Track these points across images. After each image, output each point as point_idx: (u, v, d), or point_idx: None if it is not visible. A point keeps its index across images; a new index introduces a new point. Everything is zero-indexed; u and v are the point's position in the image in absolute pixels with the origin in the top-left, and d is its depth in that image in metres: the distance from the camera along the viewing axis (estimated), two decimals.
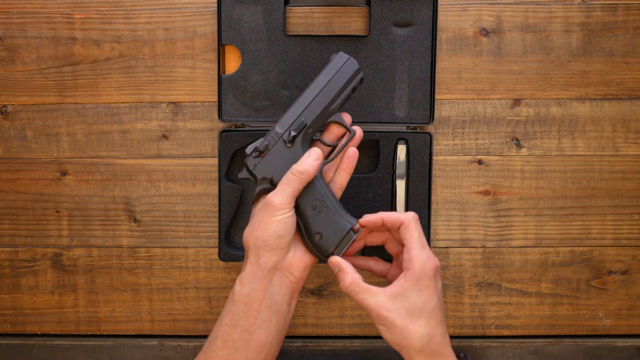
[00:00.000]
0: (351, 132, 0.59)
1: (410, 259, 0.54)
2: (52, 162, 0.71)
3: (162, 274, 0.72)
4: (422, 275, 0.53)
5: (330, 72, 0.59)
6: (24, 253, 0.72)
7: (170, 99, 0.70)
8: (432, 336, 0.52)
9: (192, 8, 0.69)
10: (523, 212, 0.70)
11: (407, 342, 0.52)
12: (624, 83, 0.69)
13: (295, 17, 0.68)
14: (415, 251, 0.54)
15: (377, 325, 0.54)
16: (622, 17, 0.68)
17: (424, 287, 0.53)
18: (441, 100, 0.69)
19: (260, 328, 0.55)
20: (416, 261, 0.53)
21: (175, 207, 0.71)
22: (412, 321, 0.52)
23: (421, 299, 0.53)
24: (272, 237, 0.54)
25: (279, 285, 0.55)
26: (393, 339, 0.53)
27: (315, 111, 0.58)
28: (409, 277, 0.53)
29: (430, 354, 0.52)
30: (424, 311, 0.53)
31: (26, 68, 0.70)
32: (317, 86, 0.59)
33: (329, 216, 0.57)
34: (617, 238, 0.71)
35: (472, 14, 0.68)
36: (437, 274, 0.54)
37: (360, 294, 0.54)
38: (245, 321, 0.55)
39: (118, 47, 0.69)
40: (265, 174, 0.58)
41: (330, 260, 0.57)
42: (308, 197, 0.57)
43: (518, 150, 0.70)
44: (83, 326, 0.73)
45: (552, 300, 0.71)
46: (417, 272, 0.53)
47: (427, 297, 0.53)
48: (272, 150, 0.58)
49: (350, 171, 0.60)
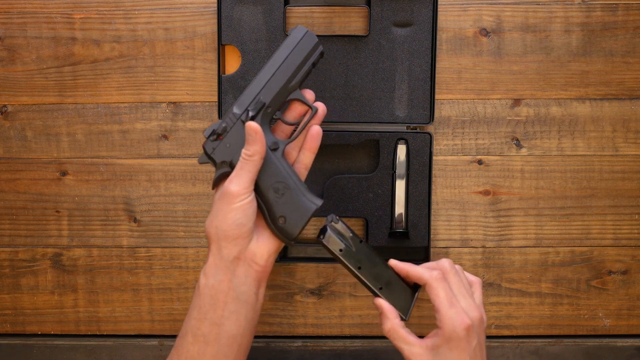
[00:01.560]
0: (313, 109, 0.57)
1: (440, 319, 0.53)
2: (52, 162, 0.71)
3: (162, 274, 0.72)
4: (452, 335, 0.52)
5: (288, 47, 0.56)
6: (24, 253, 0.72)
7: (170, 99, 0.70)
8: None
9: (192, 8, 0.69)
10: (523, 212, 0.70)
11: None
12: (624, 83, 0.69)
13: (295, 17, 0.68)
14: (444, 311, 0.53)
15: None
16: (622, 17, 0.68)
17: (454, 347, 0.52)
18: (441, 100, 0.69)
19: (229, 320, 0.54)
20: (445, 322, 0.53)
21: (175, 207, 0.71)
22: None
23: (453, 358, 0.52)
24: (231, 227, 0.53)
25: (244, 275, 0.54)
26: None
27: (274, 89, 0.56)
28: (440, 335, 0.53)
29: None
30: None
31: (26, 68, 0.70)
32: (274, 63, 0.56)
33: (292, 198, 0.55)
34: (617, 238, 0.71)
35: (472, 14, 0.68)
36: (470, 332, 0.53)
37: (398, 340, 0.54)
38: (213, 314, 0.54)
39: (118, 47, 0.69)
40: (225, 157, 0.56)
41: (376, 301, 0.56)
42: (269, 179, 0.55)
43: (518, 150, 0.70)
44: (83, 326, 0.73)
45: (552, 300, 0.71)
46: (447, 332, 0.52)
47: (458, 357, 0.52)
48: (231, 132, 0.56)
49: (315, 150, 0.58)
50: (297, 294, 0.72)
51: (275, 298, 0.72)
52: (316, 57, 0.57)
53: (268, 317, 0.72)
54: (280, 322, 0.72)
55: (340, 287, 0.71)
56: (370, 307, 0.72)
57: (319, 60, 0.58)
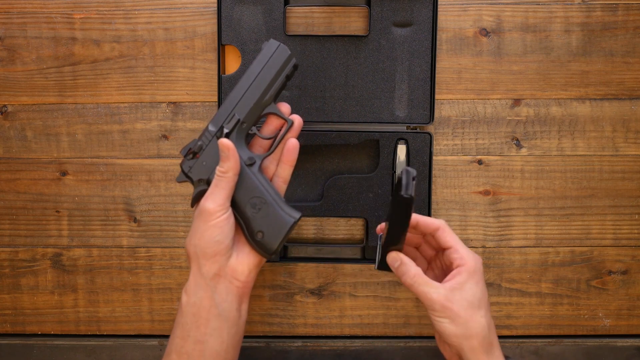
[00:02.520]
0: (288, 122, 0.57)
1: (462, 257, 0.56)
2: (52, 162, 0.71)
3: (162, 274, 0.72)
4: (476, 269, 0.55)
5: (261, 62, 0.57)
6: (24, 253, 0.72)
7: (170, 99, 0.70)
8: (490, 326, 0.55)
9: (192, 8, 0.69)
10: (523, 212, 0.70)
11: (471, 332, 0.54)
12: (624, 83, 0.69)
13: (295, 17, 0.68)
14: (464, 250, 0.56)
15: (438, 319, 0.54)
16: (622, 17, 0.68)
17: (479, 280, 0.55)
18: (441, 100, 0.69)
19: (212, 337, 0.54)
20: (468, 258, 0.56)
21: (175, 207, 0.71)
22: (475, 312, 0.54)
23: (479, 292, 0.55)
24: (209, 244, 0.53)
25: (225, 292, 0.54)
26: (456, 331, 0.54)
27: (247, 104, 0.56)
28: (464, 272, 0.55)
29: (488, 344, 0.54)
30: (483, 302, 0.55)
31: (26, 68, 0.70)
32: (248, 78, 0.57)
33: (269, 212, 0.55)
34: (617, 238, 0.71)
35: (472, 14, 0.68)
36: (482, 266, 0.57)
37: (424, 286, 0.55)
38: (196, 332, 0.54)
39: (118, 47, 0.69)
40: (201, 175, 0.56)
41: (391, 255, 0.57)
42: (246, 195, 0.55)
43: (518, 150, 0.70)
44: (83, 326, 0.73)
45: (552, 300, 0.71)
46: (471, 267, 0.55)
47: (482, 290, 0.55)
48: (207, 150, 0.56)
49: (292, 163, 0.58)
50: (297, 294, 0.72)
51: (275, 298, 0.72)
52: (289, 70, 0.57)
53: (268, 317, 0.72)
54: (280, 322, 0.72)
55: (340, 287, 0.71)
56: (370, 307, 0.72)
57: (293, 73, 0.58)
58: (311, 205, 0.69)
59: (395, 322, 0.72)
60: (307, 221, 0.71)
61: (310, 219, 0.71)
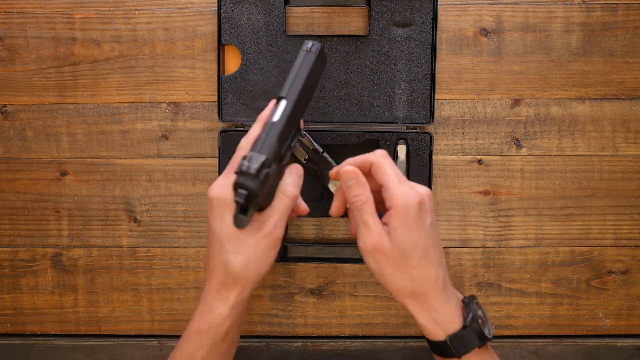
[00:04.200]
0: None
1: (390, 197, 0.49)
2: (52, 162, 0.71)
3: (162, 274, 0.72)
4: (406, 211, 0.48)
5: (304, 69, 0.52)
6: (24, 253, 0.72)
7: (170, 99, 0.70)
8: (424, 278, 0.49)
9: (192, 8, 0.69)
10: (523, 212, 0.70)
11: (398, 284, 0.49)
12: (624, 83, 0.69)
13: (295, 17, 0.68)
14: (394, 188, 0.49)
15: (370, 260, 0.50)
16: (622, 17, 0.68)
17: (412, 225, 0.48)
18: (441, 100, 0.69)
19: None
20: (397, 199, 0.48)
21: (175, 207, 0.71)
22: (405, 262, 0.48)
23: (411, 239, 0.48)
24: (267, 269, 0.51)
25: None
26: (384, 280, 0.50)
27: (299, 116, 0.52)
28: (394, 215, 0.48)
29: (423, 297, 0.49)
30: (416, 251, 0.48)
31: (26, 68, 0.70)
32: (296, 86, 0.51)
33: None
34: (617, 238, 0.71)
35: (472, 14, 0.68)
36: (422, 208, 0.49)
37: (371, 215, 0.49)
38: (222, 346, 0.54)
39: (118, 47, 0.69)
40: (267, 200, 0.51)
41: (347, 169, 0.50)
42: None
43: (518, 150, 0.70)
44: (83, 326, 0.73)
45: (552, 300, 0.71)
46: (400, 209, 0.48)
47: (416, 236, 0.48)
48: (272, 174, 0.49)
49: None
50: (297, 294, 0.72)
51: (275, 298, 0.72)
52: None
53: (268, 317, 0.72)
54: (280, 322, 0.72)
55: (340, 287, 0.71)
56: (370, 307, 0.72)
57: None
58: (311, 205, 0.69)
59: (395, 322, 0.72)
60: (307, 221, 0.71)
61: (310, 219, 0.71)
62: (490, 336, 0.50)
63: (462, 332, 0.49)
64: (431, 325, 0.50)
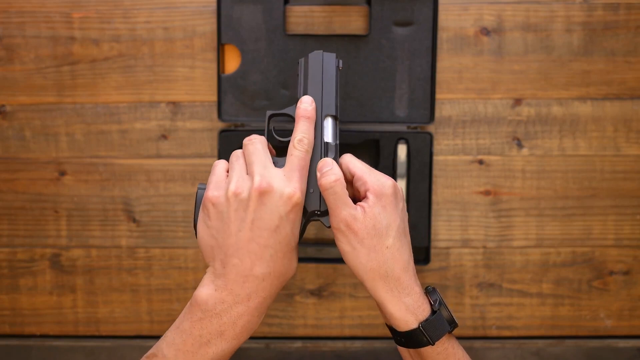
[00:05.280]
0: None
1: (364, 182, 0.50)
2: (51, 162, 0.71)
3: (162, 275, 0.71)
4: (382, 190, 0.49)
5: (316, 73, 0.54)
6: (23, 253, 0.72)
7: (170, 98, 0.70)
8: (397, 260, 0.49)
9: (192, 7, 0.68)
10: (524, 212, 0.70)
11: (371, 265, 0.48)
12: (625, 83, 0.69)
13: (295, 17, 0.68)
14: (366, 176, 0.50)
15: (343, 240, 0.49)
16: (623, 17, 0.68)
17: (387, 204, 0.49)
18: (442, 99, 0.69)
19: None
20: (370, 180, 0.50)
21: (174, 207, 0.71)
22: (380, 242, 0.48)
23: (386, 217, 0.49)
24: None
25: None
26: (356, 261, 0.49)
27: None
28: (370, 195, 0.49)
29: (395, 280, 0.49)
30: (391, 231, 0.49)
31: (25, 67, 0.69)
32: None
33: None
34: (619, 238, 0.70)
35: (473, 13, 0.68)
36: (396, 191, 0.50)
37: (344, 194, 0.49)
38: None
39: (117, 46, 0.69)
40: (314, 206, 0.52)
41: (323, 159, 0.51)
42: None
43: (519, 150, 0.70)
44: (82, 327, 0.72)
45: (553, 300, 0.71)
46: (376, 189, 0.49)
47: (391, 216, 0.49)
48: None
49: None
50: (297, 294, 0.71)
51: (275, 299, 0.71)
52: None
53: (268, 318, 0.72)
54: (280, 323, 0.72)
55: (341, 288, 0.71)
56: (370, 307, 0.71)
57: None
58: None
59: None
60: None
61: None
62: (457, 322, 0.51)
63: (433, 317, 0.49)
64: (402, 312, 0.49)
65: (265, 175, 0.48)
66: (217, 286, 0.48)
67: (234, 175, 0.49)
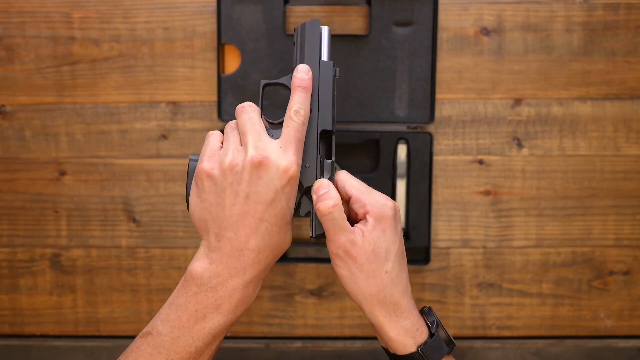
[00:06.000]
0: None
1: (363, 205, 0.48)
2: (51, 162, 0.71)
3: (162, 275, 0.71)
4: (382, 213, 0.48)
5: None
6: (23, 253, 0.72)
7: (170, 98, 0.70)
8: (396, 284, 0.48)
9: (192, 7, 0.68)
10: (524, 212, 0.70)
11: (370, 290, 0.47)
12: (625, 83, 0.69)
13: (295, 17, 0.68)
14: (365, 197, 0.48)
15: (341, 265, 0.48)
16: (623, 17, 0.68)
17: (387, 227, 0.48)
18: (442, 99, 0.69)
19: None
20: (372, 204, 0.48)
21: (174, 207, 0.71)
22: (379, 266, 0.47)
23: (385, 241, 0.47)
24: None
25: None
26: (354, 287, 0.48)
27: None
28: (370, 218, 0.48)
29: (393, 305, 0.48)
30: (390, 255, 0.48)
31: (25, 67, 0.69)
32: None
33: None
34: (619, 238, 0.70)
35: (473, 13, 0.68)
36: (396, 212, 0.49)
37: (342, 219, 0.47)
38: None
39: (117, 46, 0.69)
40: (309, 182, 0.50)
41: (318, 180, 0.49)
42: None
43: (519, 150, 0.70)
44: (82, 327, 0.72)
45: (553, 300, 0.71)
46: (375, 212, 0.48)
47: (390, 239, 0.48)
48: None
49: None
50: (297, 294, 0.71)
51: (275, 299, 0.71)
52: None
53: (268, 318, 0.72)
54: (280, 323, 0.72)
55: (341, 288, 0.71)
56: None
57: None
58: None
59: None
60: (307, 221, 0.71)
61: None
62: (454, 343, 0.50)
63: (431, 340, 0.49)
64: (401, 336, 0.48)
65: (259, 147, 0.47)
66: (211, 260, 0.47)
67: (230, 147, 0.48)
